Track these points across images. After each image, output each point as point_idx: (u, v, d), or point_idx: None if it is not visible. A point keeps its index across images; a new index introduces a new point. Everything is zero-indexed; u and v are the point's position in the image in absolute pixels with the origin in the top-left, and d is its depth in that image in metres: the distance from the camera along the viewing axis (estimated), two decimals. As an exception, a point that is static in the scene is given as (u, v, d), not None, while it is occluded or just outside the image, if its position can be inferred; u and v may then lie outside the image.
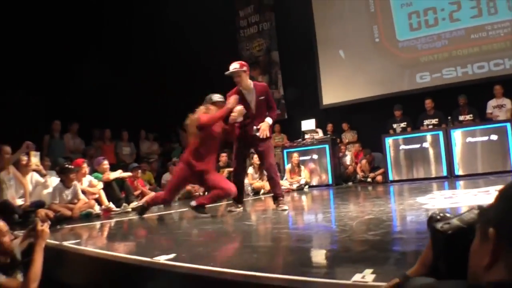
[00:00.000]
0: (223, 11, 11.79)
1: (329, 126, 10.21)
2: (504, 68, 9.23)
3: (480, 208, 0.88)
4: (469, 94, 8.79)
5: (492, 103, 8.56)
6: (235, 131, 4.95)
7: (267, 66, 11.91)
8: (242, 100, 4.89)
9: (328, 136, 9.61)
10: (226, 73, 4.95)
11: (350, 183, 9.30)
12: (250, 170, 8.62)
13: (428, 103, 8.93)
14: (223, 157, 9.34)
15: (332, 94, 10.77)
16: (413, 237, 2.71)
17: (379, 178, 8.82)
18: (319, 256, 2.37)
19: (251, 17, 12.27)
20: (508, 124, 7.74)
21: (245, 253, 2.42)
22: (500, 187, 2.32)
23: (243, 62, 5.09)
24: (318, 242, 2.85)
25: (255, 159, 8.55)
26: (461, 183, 6.87)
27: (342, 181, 9.40)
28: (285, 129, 10.82)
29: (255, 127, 4.82)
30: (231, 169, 8.88)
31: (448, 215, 0.97)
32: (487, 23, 9.51)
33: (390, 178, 8.42)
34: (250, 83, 4.99)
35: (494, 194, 2.34)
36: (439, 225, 0.93)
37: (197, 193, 9.05)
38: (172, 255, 2.27)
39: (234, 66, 4.95)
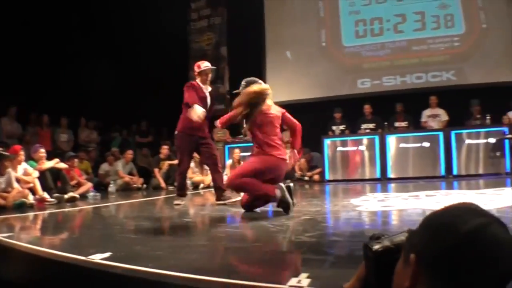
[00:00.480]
0: (176, 2, 11.60)
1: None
2: (441, 80, 9.79)
3: (409, 232, 0.94)
4: (406, 102, 9.25)
5: (426, 112, 9.03)
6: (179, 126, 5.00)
7: (214, 60, 11.86)
8: (201, 96, 5.04)
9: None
10: (210, 67, 5.37)
11: (288, 181, 9.45)
12: (191, 164, 8.57)
13: (367, 108, 9.29)
14: (165, 149, 9.24)
15: (276, 93, 10.69)
16: (347, 240, 2.81)
17: (316, 177, 9.06)
18: (256, 257, 2.41)
19: (202, 10, 12.17)
20: (441, 133, 8.22)
21: (184, 252, 2.43)
22: (429, 192, 2.49)
23: None
24: (256, 243, 2.90)
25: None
26: (392, 185, 7.21)
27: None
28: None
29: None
30: (173, 162, 8.86)
31: (385, 236, 1.04)
32: (429, 37, 10.07)
33: (327, 177, 8.68)
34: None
35: (424, 198, 2.51)
36: (370, 244, 1.00)
37: (135, 185, 8.92)
38: (108, 254, 2.23)
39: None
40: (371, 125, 9.08)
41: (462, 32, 9.86)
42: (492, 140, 7.89)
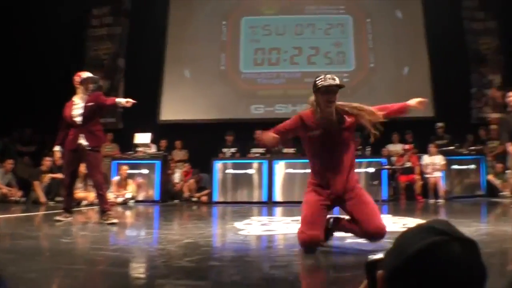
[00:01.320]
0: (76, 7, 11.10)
1: (163, 142, 10.18)
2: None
3: None
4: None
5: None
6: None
7: (111, 71, 11.54)
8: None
9: (161, 152, 9.65)
10: (92, 76, 5.24)
11: (176, 201, 9.42)
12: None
13: (258, 133, 9.63)
14: (47, 161, 8.69)
15: (171, 110, 10.90)
16: (226, 265, 2.92)
17: (204, 198, 9.08)
18: (129, 284, 2.41)
19: (104, 18, 11.76)
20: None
21: (57, 276, 2.36)
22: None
23: None
24: (134, 268, 2.90)
25: (81, 167, 8.16)
26: (278, 209, 7.53)
27: (169, 198, 9.46)
28: (118, 139, 10.47)
29: None
30: (55, 175, 8.39)
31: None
32: (321, 70, 10.72)
33: (215, 199, 8.78)
34: None
35: None
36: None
37: (13, 197, 8.28)
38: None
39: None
40: (261, 150, 9.42)
41: (352, 69, 10.78)
42: (371, 170, 8.62)
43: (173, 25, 11.31)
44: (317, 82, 3.18)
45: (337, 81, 3.18)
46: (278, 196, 8.72)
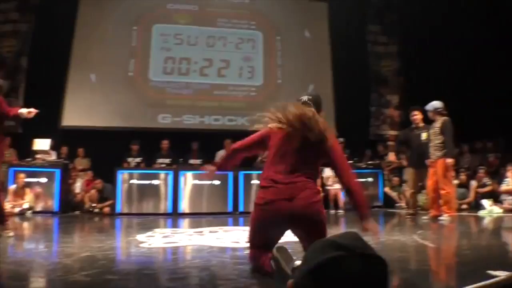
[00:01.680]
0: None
1: (64, 149, 9.68)
2: (236, 124, 10.74)
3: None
4: (202, 141, 9.85)
5: (221, 153, 9.74)
6: None
7: (13, 70, 10.77)
8: None
9: (61, 160, 9.18)
10: None
11: (77, 212, 8.97)
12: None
13: (165, 143, 9.57)
14: None
15: (74, 116, 10.36)
16: (122, 278, 2.88)
17: (106, 209, 8.73)
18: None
19: (10, 13, 10.90)
20: (230, 173, 8.88)
21: None
22: (213, 228, 2.74)
23: None
24: (30, 282, 2.76)
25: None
26: (183, 221, 7.49)
27: (70, 209, 8.99)
28: (16, 144, 9.78)
29: None
30: None
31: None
32: (230, 83, 11.06)
33: (119, 210, 8.48)
34: None
35: (207, 235, 2.76)
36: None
37: None
38: None
39: None
40: (167, 160, 9.34)
41: (260, 84, 11.08)
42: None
43: (82, 26, 10.75)
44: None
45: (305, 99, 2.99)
46: (184, 207, 8.67)
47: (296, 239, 2.69)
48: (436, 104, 6.96)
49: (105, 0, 11.11)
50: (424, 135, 7.14)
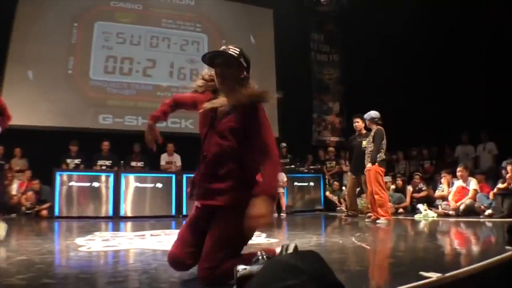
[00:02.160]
0: None
1: (0, 149, 9.24)
2: (180, 127, 10.64)
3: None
4: (143, 143, 9.60)
5: (164, 157, 9.65)
6: None
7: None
8: None
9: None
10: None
11: (13, 215, 8.54)
12: None
13: (106, 144, 9.34)
14: None
15: (11, 114, 9.83)
16: (59, 282, 2.78)
17: (44, 212, 8.40)
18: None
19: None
20: (174, 176, 8.81)
21: None
22: (154, 231, 2.67)
23: None
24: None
25: None
26: (126, 224, 7.30)
27: (6, 211, 8.52)
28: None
29: None
30: None
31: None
32: (174, 85, 10.95)
33: (57, 213, 8.12)
34: None
35: (149, 238, 2.69)
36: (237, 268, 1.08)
37: None
38: None
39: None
40: (108, 162, 9.12)
41: (203, 88, 11.03)
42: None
43: (20, 19, 10.17)
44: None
45: (230, 51, 2.63)
46: (126, 210, 8.46)
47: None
48: (372, 113, 7.30)
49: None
50: (364, 143, 7.43)
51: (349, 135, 8.29)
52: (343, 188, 10.33)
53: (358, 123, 7.72)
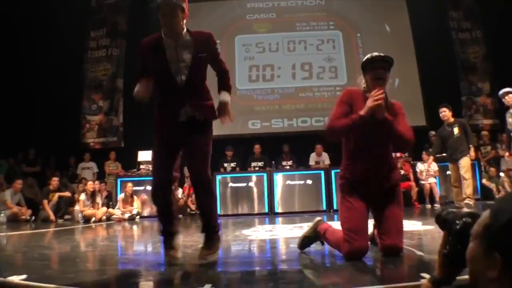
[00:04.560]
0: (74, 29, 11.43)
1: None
2: (324, 124, 10.87)
3: (472, 216, 1.17)
4: (292, 143, 10.13)
5: (313, 157, 9.98)
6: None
7: (110, 92, 11.82)
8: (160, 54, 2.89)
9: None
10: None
11: (180, 216, 9.59)
12: (82, 196, 8.42)
13: (257, 148, 9.99)
14: (55, 181, 8.90)
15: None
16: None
17: (205, 211, 9.26)
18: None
19: (102, 39, 12.13)
20: (322, 172, 9.08)
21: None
22: (310, 223, 2.94)
23: None
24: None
25: (89, 185, 8.46)
26: (280, 219, 7.74)
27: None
28: (121, 157, 10.72)
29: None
30: (63, 193, 8.66)
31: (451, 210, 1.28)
32: (315, 85, 11.26)
33: (218, 212, 8.94)
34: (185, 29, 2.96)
35: (307, 228, 2.96)
36: (455, 220, 1.22)
37: (23, 216, 8.45)
38: (23, 276, 2.38)
39: None
40: (260, 163, 9.74)
41: (344, 83, 11.15)
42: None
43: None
44: (363, 60, 2.99)
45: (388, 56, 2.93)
46: (279, 207, 8.93)
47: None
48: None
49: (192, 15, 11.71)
50: (456, 130, 7.21)
51: (503, 116, 7.62)
52: (501, 174, 9.54)
53: (445, 112, 7.30)
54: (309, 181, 9.04)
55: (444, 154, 7.50)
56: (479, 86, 11.97)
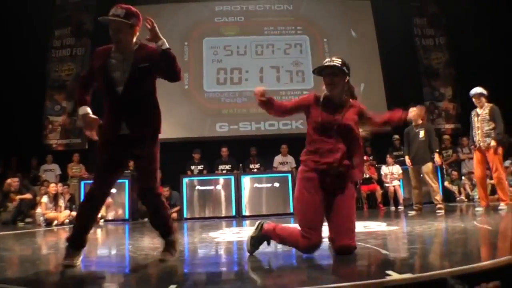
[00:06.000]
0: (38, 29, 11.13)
1: (131, 162, 10.25)
2: (291, 128, 11.01)
3: None
4: (259, 146, 10.18)
5: (278, 159, 10.03)
6: None
7: (73, 92, 11.51)
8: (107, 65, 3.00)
9: (129, 171, 9.70)
10: (100, 18, 2.96)
11: (145, 219, 9.42)
12: (44, 199, 8.18)
13: (224, 150, 9.99)
14: (15, 182, 8.64)
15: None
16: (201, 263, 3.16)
17: (174, 215, 9.13)
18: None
19: (66, 39, 11.86)
20: (289, 175, 9.14)
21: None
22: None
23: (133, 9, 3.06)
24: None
25: (52, 187, 8.23)
26: (247, 222, 7.73)
27: (139, 216, 9.46)
28: (84, 159, 10.50)
29: None
30: (24, 196, 8.39)
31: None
32: (282, 89, 11.34)
33: (185, 215, 8.93)
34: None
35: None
36: None
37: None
38: None
39: (118, 11, 2.95)
40: (228, 166, 9.74)
41: (311, 87, 11.26)
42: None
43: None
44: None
45: (335, 63, 3.17)
46: (246, 210, 8.89)
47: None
48: (480, 89, 7.01)
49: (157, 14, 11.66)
50: (422, 133, 7.34)
51: (465, 120, 7.85)
52: (462, 177, 9.85)
53: (414, 112, 7.40)
54: (276, 184, 9.07)
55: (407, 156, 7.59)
56: (442, 92, 12.32)
